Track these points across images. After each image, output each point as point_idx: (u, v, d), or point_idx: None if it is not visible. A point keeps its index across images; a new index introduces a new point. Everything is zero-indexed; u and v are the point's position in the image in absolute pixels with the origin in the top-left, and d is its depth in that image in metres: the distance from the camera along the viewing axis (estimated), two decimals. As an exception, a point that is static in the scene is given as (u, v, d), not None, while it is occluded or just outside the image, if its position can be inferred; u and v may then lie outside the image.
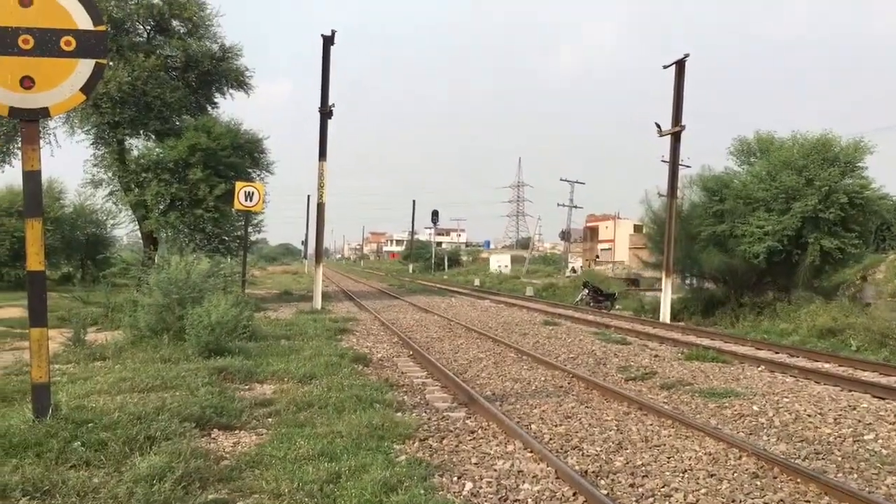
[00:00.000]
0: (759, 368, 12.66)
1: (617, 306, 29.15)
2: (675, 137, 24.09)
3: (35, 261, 6.34)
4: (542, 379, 11.22)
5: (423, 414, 8.47)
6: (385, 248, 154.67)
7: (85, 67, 6.40)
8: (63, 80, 6.34)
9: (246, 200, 21.75)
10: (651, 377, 11.56)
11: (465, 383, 10.26)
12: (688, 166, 30.10)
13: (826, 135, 23.01)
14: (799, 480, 6.18)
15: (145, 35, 27.80)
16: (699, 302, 25.18)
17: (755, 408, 9.18)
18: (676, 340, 16.61)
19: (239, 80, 29.19)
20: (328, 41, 24.57)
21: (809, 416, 8.78)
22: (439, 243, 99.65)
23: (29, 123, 6.43)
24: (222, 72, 28.52)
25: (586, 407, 9.12)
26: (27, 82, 6.25)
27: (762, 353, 14.68)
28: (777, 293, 23.16)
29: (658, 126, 24.42)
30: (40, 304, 6.42)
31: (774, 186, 22.47)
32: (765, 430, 8.09)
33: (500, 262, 70.65)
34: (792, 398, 9.84)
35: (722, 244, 23.62)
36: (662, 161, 26.05)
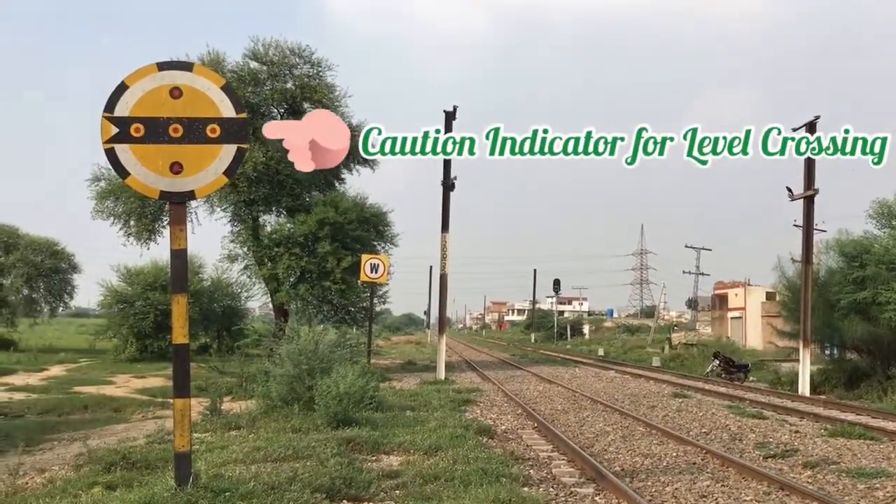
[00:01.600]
0: (914, 446, 11.73)
1: (751, 378, 27.83)
2: (809, 201, 23.13)
3: (180, 334, 6.71)
4: (674, 454, 10.79)
5: (551, 489, 8.29)
6: (507, 318, 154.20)
7: (228, 152, 6.84)
8: (208, 164, 6.80)
9: (371, 272, 22.33)
10: (792, 455, 10.90)
11: (593, 458, 10.00)
12: (823, 230, 28.80)
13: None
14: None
15: (279, 117, 29.40)
16: (841, 373, 23.69)
17: (911, 490, 8.49)
18: (818, 415, 15.65)
19: (364, 156, 30.32)
20: (450, 116, 25.21)
21: (975, 500, 8.03)
22: (561, 312, 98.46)
23: (177, 205, 6.90)
24: (349, 149, 29.70)
25: (722, 485, 8.68)
26: (176, 167, 6.73)
27: (915, 430, 13.60)
28: (929, 364, 21.53)
29: (789, 190, 23.55)
30: (184, 376, 6.76)
31: (921, 250, 21.16)
32: (924, 516, 7.46)
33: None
34: (953, 480, 9.04)
35: (864, 312, 22.29)
36: (795, 226, 25.01)
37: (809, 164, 23.01)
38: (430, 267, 70.50)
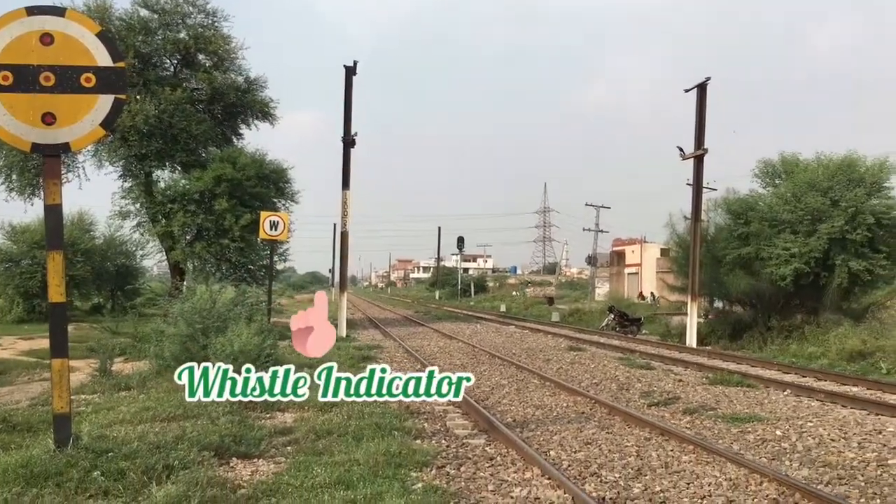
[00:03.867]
0: (785, 392, 12.49)
1: (644, 331, 28.92)
2: (699, 161, 24.01)
3: (56, 293, 6.46)
4: (564, 405, 11.15)
5: (443, 441, 8.46)
6: (412, 276, 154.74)
7: (105, 103, 6.55)
8: (83, 115, 6.50)
9: (271, 230, 21.92)
10: (674, 402, 11.44)
11: (486, 410, 10.24)
12: (713, 189, 29.95)
13: (851, 155, 22.79)
14: (821, 507, 6.08)
15: (172, 69, 28.34)
16: (726, 326, 24.87)
17: (778, 432, 9.05)
18: (702, 365, 16.44)
19: (264, 112, 29.63)
20: (350, 71, 24.88)
21: (833, 440, 8.64)
22: (466, 270, 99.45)
23: (51, 158, 6.58)
24: (247, 103, 28.97)
25: (607, 433, 9.05)
26: (48, 118, 6.40)
27: (788, 377, 14.49)
28: (805, 316, 22.80)
29: (681, 150, 24.36)
30: (61, 336, 6.52)
31: (800, 208, 22.22)
32: (787, 455, 7.97)
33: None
34: (816, 422, 9.69)
35: (748, 267, 23.35)
36: (688, 184, 25.91)
37: (700, 125, 23.83)
38: (334, 224, 70.00)
